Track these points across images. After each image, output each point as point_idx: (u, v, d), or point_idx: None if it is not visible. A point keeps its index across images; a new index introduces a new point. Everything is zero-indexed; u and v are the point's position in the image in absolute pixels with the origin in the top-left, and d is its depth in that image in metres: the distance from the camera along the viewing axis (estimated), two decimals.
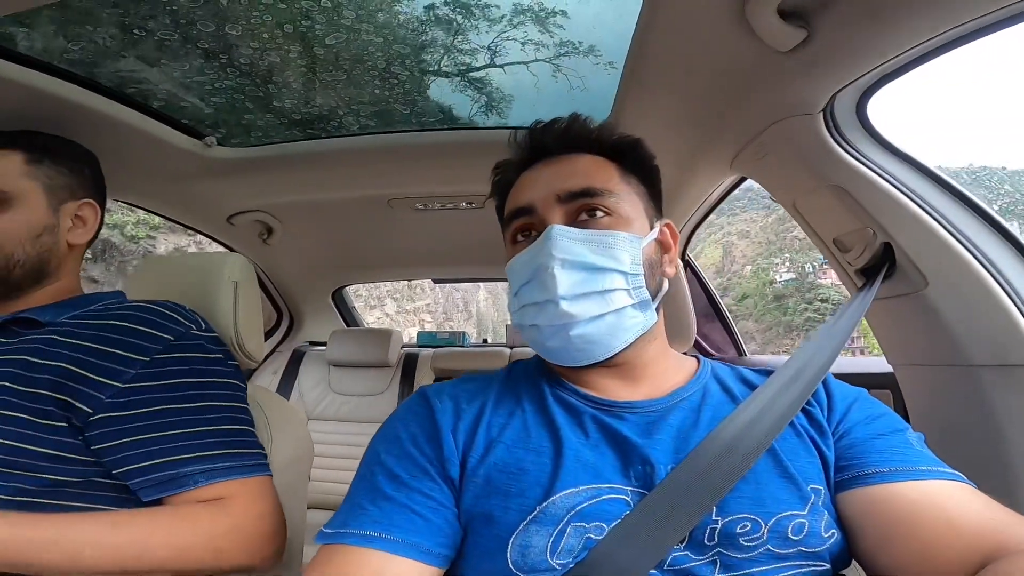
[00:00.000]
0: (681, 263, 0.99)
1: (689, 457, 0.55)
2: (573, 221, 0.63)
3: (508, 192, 0.72)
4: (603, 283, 0.60)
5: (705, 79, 0.94)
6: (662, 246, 0.69)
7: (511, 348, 2.57)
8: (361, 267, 2.32)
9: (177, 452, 0.69)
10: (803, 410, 0.62)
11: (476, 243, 2.05)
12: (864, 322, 1.02)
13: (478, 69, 1.16)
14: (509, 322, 2.94)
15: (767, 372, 0.69)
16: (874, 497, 0.54)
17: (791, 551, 0.51)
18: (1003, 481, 0.79)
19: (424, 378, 2.29)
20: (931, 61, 0.80)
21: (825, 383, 0.66)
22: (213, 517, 0.68)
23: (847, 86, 0.84)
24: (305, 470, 1.00)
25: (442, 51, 1.09)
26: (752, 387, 0.66)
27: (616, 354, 0.62)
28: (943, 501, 0.51)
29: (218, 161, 1.29)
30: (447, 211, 1.69)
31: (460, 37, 1.07)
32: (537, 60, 1.12)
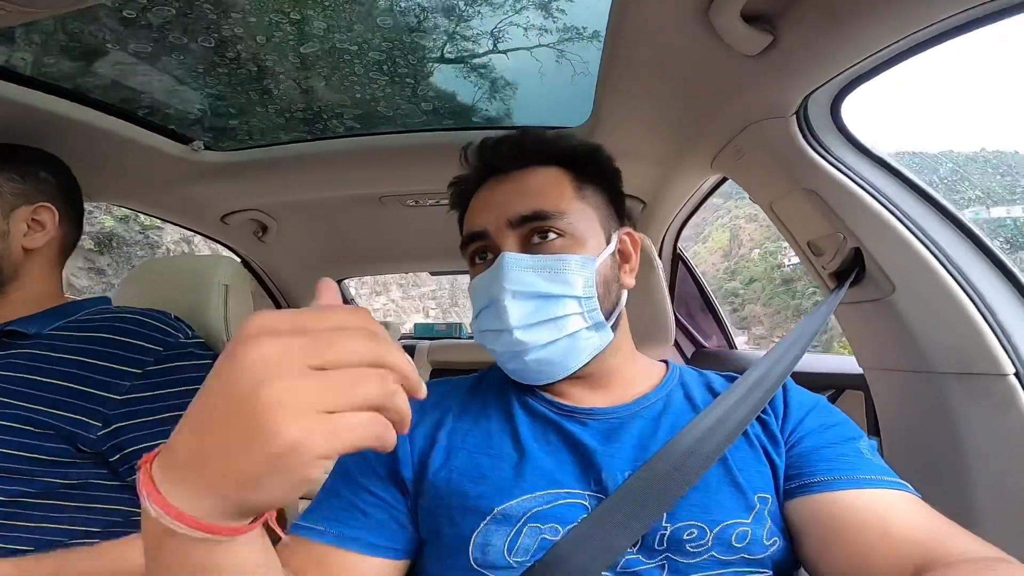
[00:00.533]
0: (659, 262, 1.00)
1: (645, 466, 0.57)
2: (527, 245, 0.64)
3: (465, 208, 0.73)
4: (555, 310, 0.61)
5: (677, 83, 0.94)
6: (621, 255, 0.70)
7: None
8: (358, 261, 2.33)
9: None
10: (759, 419, 0.63)
11: None
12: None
13: (481, 55, 1.15)
14: None
15: (734, 379, 0.70)
16: (817, 504, 0.55)
17: (735, 558, 0.54)
18: (960, 488, 0.80)
19: (421, 370, 2.32)
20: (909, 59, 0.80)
21: (785, 390, 0.67)
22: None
23: (819, 88, 0.84)
24: None
25: (444, 37, 1.08)
26: (716, 395, 0.67)
27: (573, 373, 0.64)
28: (883, 510, 0.52)
29: (207, 165, 1.31)
30: (440, 206, 1.70)
31: (463, 24, 1.07)
32: (540, 46, 1.11)
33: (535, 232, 0.63)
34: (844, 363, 1.22)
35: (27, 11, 0.63)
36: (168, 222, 1.67)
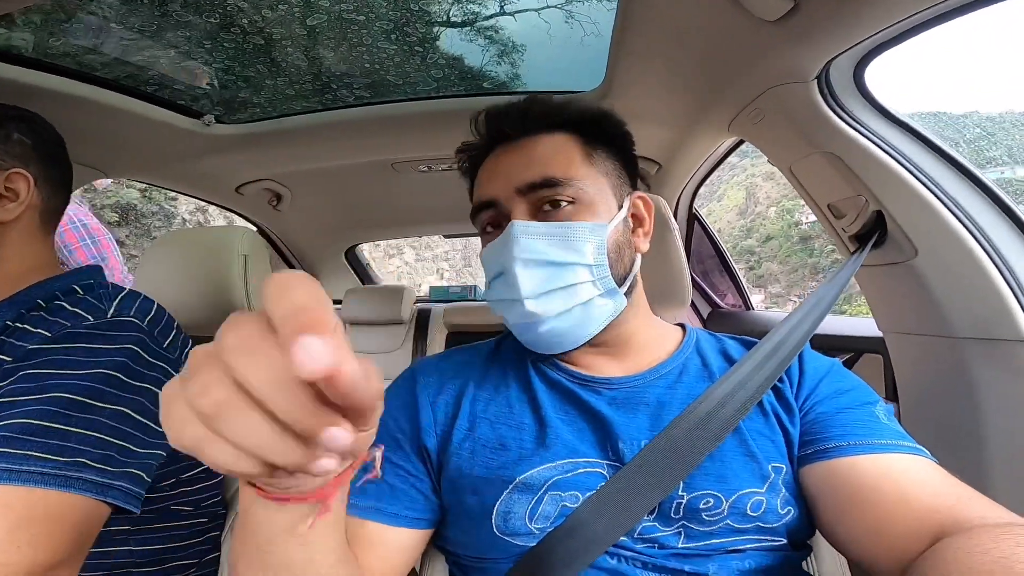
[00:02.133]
0: (675, 223, 0.98)
1: (661, 434, 0.58)
2: (537, 213, 0.62)
3: (475, 177, 0.72)
4: (567, 278, 0.60)
5: (695, 47, 0.92)
6: (635, 219, 0.69)
7: None
8: (371, 226, 2.34)
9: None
10: (773, 387, 0.63)
11: None
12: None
13: (488, 17, 1.12)
14: None
15: (750, 344, 0.70)
16: (833, 470, 0.55)
17: (749, 526, 0.55)
18: (976, 453, 0.81)
19: (437, 333, 2.35)
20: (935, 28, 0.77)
21: (800, 355, 0.67)
22: None
23: (841, 54, 0.81)
24: None
25: (451, 1, 1.05)
26: (732, 361, 0.67)
27: (588, 340, 0.64)
28: (899, 475, 0.52)
29: (220, 138, 1.31)
30: (452, 171, 1.69)
31: None
32: (548, 7, 1.09)
33: (545, 200, 0.62)
34: (862, 325, 1.21)
35: None
36: (184, 194, 1.68)
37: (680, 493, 0.56)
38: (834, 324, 1.31)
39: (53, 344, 0.64)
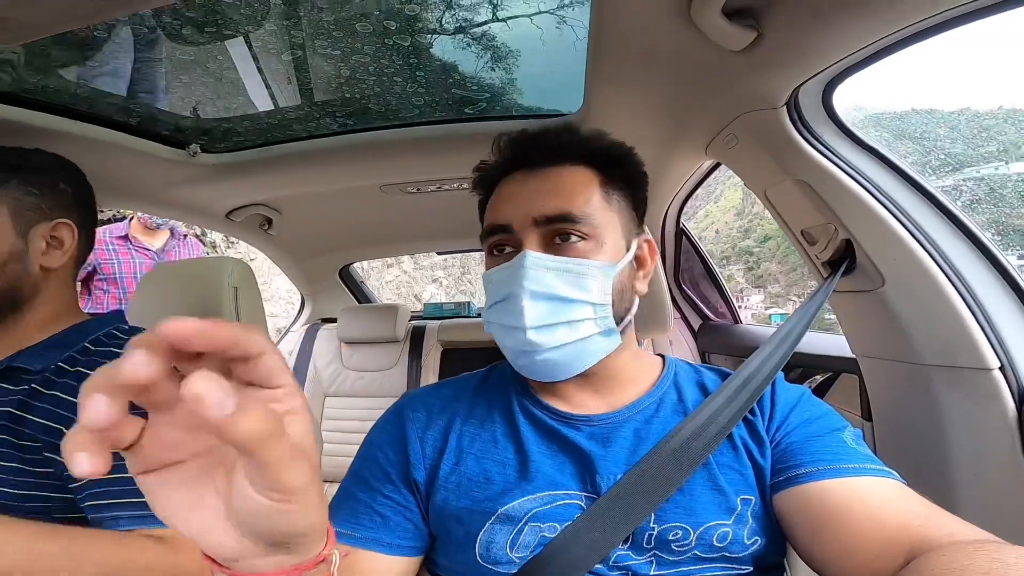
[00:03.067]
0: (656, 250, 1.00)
1: (634, 468, 0.60)
2: (549, 244, 0.63)
3: (489, 194, 0.72)
4: (571, 314, 0.61)
5: (665, 75, 0.93)
6: (638, 261, 0.70)
7: None
8: (364, 245, 2.35)
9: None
10: (745, 419, 0.65)
11: (471, 218, 2.03)
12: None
13: (480, 24, 1.11)
14: None
15: (727, 375, 0.71)
16: (805, 494, 0.56)
17: (715, 555, 0.57)
18: (943, 477, 0.82)
19: (432, 351, 2.36)
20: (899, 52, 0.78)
21: (772, 387, 0.68)
22: (157, 551, 0.65)
23: (808, 80, 0.82)
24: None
25: (442, 8, 1.05)
26: (707, 394, 0.69)
27: (579, 373, 0.66)
28: (868, 496, 0.53)
29: (206, 167, 1.32)
30: (441, 192, 1.71)
31: None
32: (540, 12, 1.06)
33: (558, 233, 0.63)
34: (841, 344, 1.22)
35: None
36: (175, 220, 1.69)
37: (651, 524, 0.58)
38: (816, 343, 1.32)
39: None
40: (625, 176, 0.69)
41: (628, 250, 0.67)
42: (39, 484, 0.70)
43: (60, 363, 0.74)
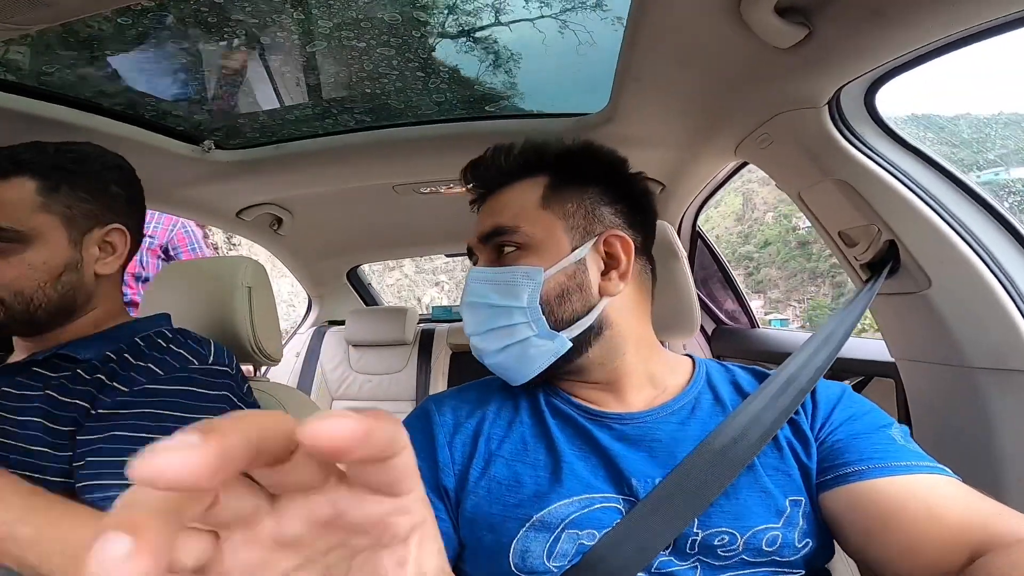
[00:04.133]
0: (682, 251, 0.97)
1: (674, 471, 0.58)
2: (495, 257, 0.67)
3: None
4: (502, 319, 0.64)
5: (702, 73, 0.91)
6: (609, 260, 0.67)
7: None
8: (374, 247, 2.34)
9: None
10: (789, 420, 0.62)
11: None
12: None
13: (483, 28, 1.12)
14: None
15: (762, 375, 0.69)
16: (855, 494, 0.54)
17: (764, 560, 0.55)
18: (993, 481, 0.79)
19: (441, 354, 2.33)
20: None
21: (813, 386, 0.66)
22: None
23: (853, 80, 0.80)
24: None
25: (445, 12, 1.06)
26: (744, 394, 0.66)
27: (536, 376, 0.65)
28: (925, 494, 0.52)
29: (219, 164, 1.30)
30: (453, 192, 1.68)
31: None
32: (543, 16, 1.09)
33: (498, 246, 0.66)
34: (873, 348, 1.19)
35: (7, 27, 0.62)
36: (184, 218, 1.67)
37: (695, 530, 0.55)
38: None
39: (166, 385, 0.72)
40: (580, 174, 0.69)
41: (575, 249, 0.65)
42: (64, 470, 0.68)
43: (108, 352, 0.74)
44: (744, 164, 1.39)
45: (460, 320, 2.31)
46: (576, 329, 0.64)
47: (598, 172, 0.70)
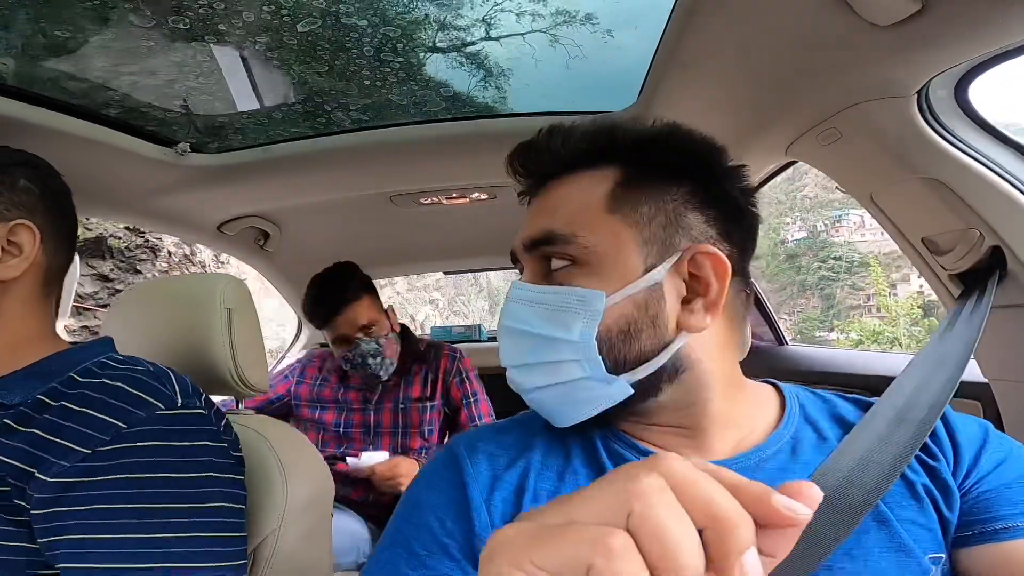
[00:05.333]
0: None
1: None
2: (545, 271, 0.54)
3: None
4: (548, 354, 0.51)
5: (767, 57, 0.79)
6: (691, 285, 0.52)
7: None
8: (369, 265, 2.21)
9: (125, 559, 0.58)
10: (924, 464, 0.52)
11: (487, 233, 1.94)
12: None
13: (473, 43, 1.11)
14: None
15: (865, 405, 0.57)
16: (1006, 553, 0.47)
17: None
18: None
19: None
20: None
21: (945, 421, 0.55)
22: None
23: (954, 67, 0.68)
24: (327, 509, 0.92)
25: (436, 26, 1.02)
26: (847, 427, 0.54)
27: (585, 420, 0.53)
28: None
29: (196, 169, 1.16)
30: (458, 202, 1.56)
31: (453, 12, 1.02)
32: (533, 31, 1.08)
33: (548, 257, 0.53)
34: (882, 361, 1.10)
35: None
36: (159, 233, 1.52)
37: None
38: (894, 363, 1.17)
39: (136, 442, 0.62)
40: (664, 170, 0.53)
41: (649, 270, 0.50)
42: (6, 533, 0.59)
43: (41, 395, 0.64)
44: (783, 169, 1.27)
45: (460, 342, 2.19)
46: (642, 372, 0.50)
47: (688, 165, 0.53)
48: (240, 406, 1.01)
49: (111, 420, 0.62)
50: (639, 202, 0.51)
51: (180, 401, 0.68)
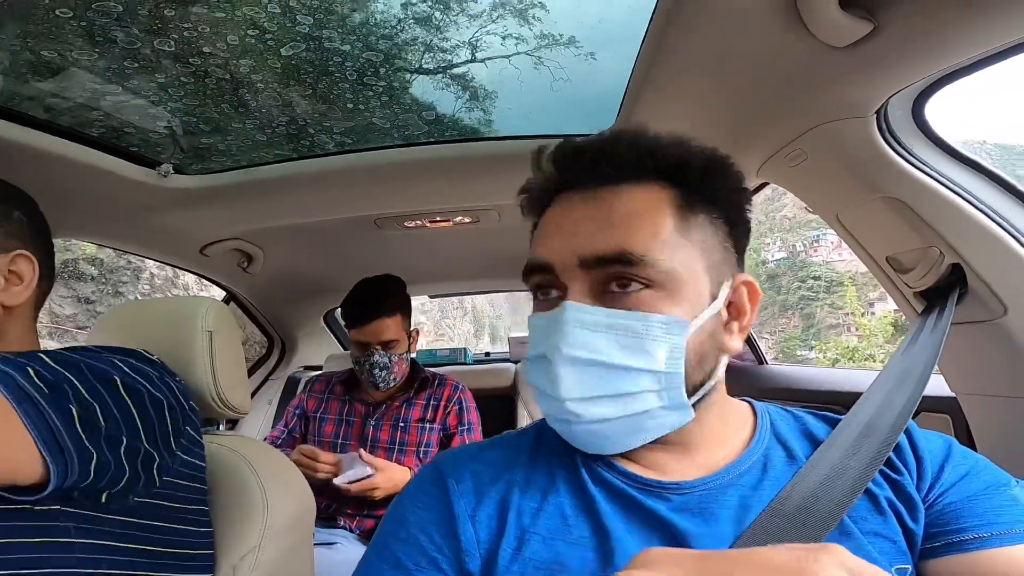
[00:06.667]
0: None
1: (743, 537, 0.48)
2: (602, 291, 0.49)
3: (539, 220, 0.57)
4: (623, 385, 0.48)
5: (735, 80, 0.82)
6: (731, 310, 0.54)
7: (516, 363, 2.45)
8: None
9: None
10: (888, 479, 0.53)
11: (473, 257, 1.97)
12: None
13: (459, 65, 1.12)
14: (513, 332, 2.85)
15: (834, 422, 0.59)
16: (973, 564, 0.47)
17: None
18: None
19: None
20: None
21: (909, 436, 0.56)
22: None
23: (910, 85, 0.71)
24: (308, 527, 0.91)
25: (422, 48, 1.04)
26: (817, 444, 0.56)
27: (638, 447, 0.52)
28: None
29: (179, 191, 1.16)
30: (442, 225, 1.57)
31: (440, 34, 1.03)
32: (518, 53, 1.09)
33: (615, 278, 0.49)
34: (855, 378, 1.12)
35: None
36: (141, 256, 1.51)
37: None
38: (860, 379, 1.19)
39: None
40: (714, 193, 0.53)
41: (715, 297, 0.51)
42: None
43: None
44: (757, 190, 1.31)
45: (446, 365, 2.18)
46: (697, 396, 0.51)
47: (732, 193, 0.54)
48: (220, 427, 1.00)
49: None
50: (697, 226, 0.51)
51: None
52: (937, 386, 0.98)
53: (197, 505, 0.74)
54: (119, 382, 0.62)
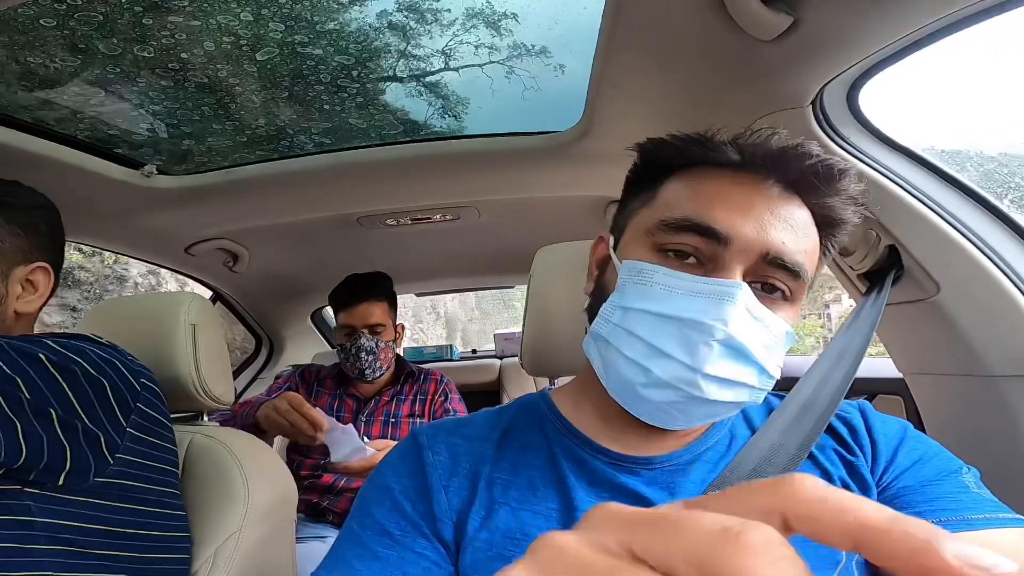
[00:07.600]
0: None
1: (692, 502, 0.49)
2: (749, 282, 0.49)
3: (673, 171, 0.57)
4: (744, 375, 0.49)
5: (682, 75, 0.86)
6: None
7: (501, 359, 2.48)
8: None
9: None
10: (843, 459, 0.55)
11: (456, 255, 1.99)
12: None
13: (432, 73, 1.15)
14: (496, 330, 2.88)
15: (780, 396, 0.62)
16: None
17: None
18: None
19: None
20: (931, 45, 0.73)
21: (865, 419, 0.58)
22: None
23: (840, 74, 0.76)
24: (290, 513, 0.94)
25: (396, 56, 1.06)
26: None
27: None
28: (1012, 554, 0.44)
29: (163, 191, 1.19)
30: (421, 223, 1.61)
31: (413, 42, 1.06)
32: (491, 63, 1.12)
33: (770, 280, 0.50)
34: (876, 367, 1.14)
35: None
36: (128, 256, 1.54)
37: None
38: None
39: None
40: (838, 235, 0.55)
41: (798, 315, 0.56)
42: None
43: None
44: None
45: (434, 361, 2.22)
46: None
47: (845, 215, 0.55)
48: (205, 418, 1.04)
49: None
50: (826, 251, 0.55)
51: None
52: (891, 367, 1.01)
53: (169, 488, 0.76)
54: (45, 359, 0.62)
